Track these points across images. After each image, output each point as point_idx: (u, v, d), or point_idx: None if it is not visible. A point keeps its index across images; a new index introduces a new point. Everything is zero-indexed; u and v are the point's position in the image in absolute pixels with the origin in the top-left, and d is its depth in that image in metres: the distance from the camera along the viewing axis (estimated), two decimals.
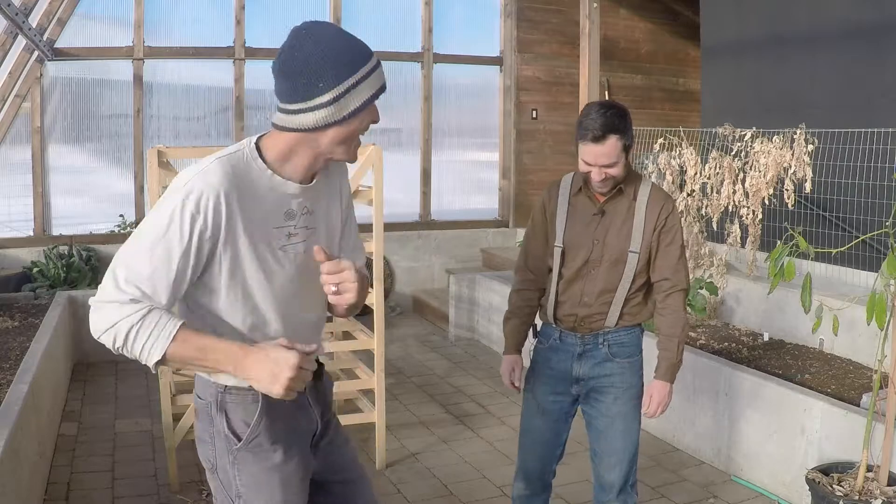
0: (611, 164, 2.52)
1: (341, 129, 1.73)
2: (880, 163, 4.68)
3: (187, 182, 1.67)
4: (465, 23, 8.35)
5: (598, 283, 2.66)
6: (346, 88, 1.69)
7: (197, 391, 1.89)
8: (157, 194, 3.62)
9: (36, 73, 6.72)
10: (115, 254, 1.70)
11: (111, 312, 1.63)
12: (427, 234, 8.10)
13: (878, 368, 3.22)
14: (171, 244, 1.65)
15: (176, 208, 1.65)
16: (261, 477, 1.82)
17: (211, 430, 1.84)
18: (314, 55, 1.67)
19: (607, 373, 2.71)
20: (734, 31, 6.54)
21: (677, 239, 2.65)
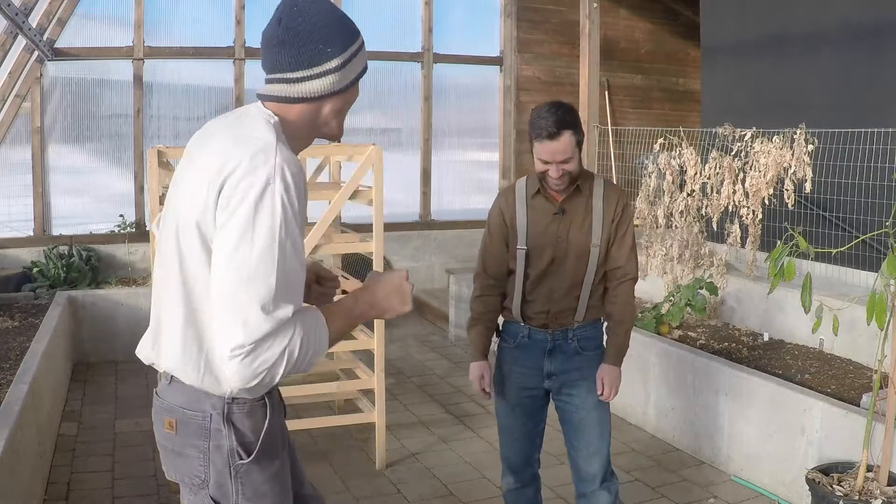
0: (566, 159, 2.61)
1: (340, 99, 1.69)
2: (880, 163, 4.68)
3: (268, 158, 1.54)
4: (465, 23, 8.35)
5: (566, 278, 2.76)
6: (351, 53, 1.66)
7: (182, 404, 1.69)
8: (157, 194, 3.62)
9: (36, 73, 6.72)
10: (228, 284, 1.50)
11: (273, 344, 1.50)
12: (427, 234, 8.10)
13: (878, 368, 3.22)
14: (293, 233, 1.54)
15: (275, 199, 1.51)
16: (263, 487, 1.73)
17: (202, 444, 1.68)
18: (321, 21, 1.62)
19: (578, 366, 2.81)
20: (734, 31, 6.54)
21: (630, 229, 2.79)
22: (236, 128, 1.64)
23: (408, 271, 1.79)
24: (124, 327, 5.92)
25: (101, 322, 5.89)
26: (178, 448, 1.72)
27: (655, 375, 4.53)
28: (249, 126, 1.62)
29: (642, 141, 6.80)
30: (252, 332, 1.49)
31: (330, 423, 4.24)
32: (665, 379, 4.46)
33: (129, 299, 5.96)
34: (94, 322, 5.89)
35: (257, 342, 1.49)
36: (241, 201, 1.51)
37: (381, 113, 8.03)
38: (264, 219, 1.50)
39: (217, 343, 1.55)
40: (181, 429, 1.70)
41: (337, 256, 4.98)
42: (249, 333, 1.49)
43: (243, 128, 1.63)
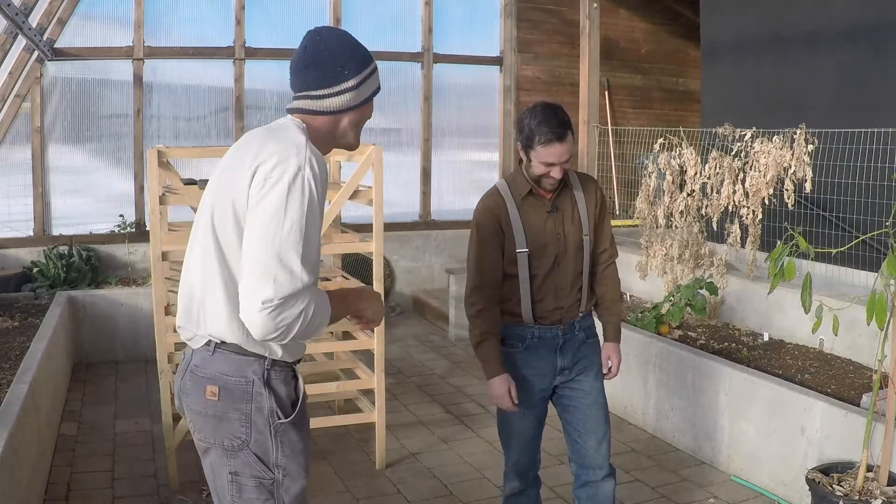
0: (567, 160, 2.67)
1: (356, 114, 2.01)
2: (880, 163, 4.68)
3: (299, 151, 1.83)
4: (464, 23, 8.35)
5: (570, 272, 2.81)
6: (365, 76, 1.99)
7: (226, 372, 1.91)
8: (157, 194, 3.63)
9: (36, 73, 6.72)
10: (261, 249, 1.76)
11: (295, 304, 1.76)
12: (427, 234, 8.10)
13: (878, 368, 3.22)
14: (316, 215, 1.83)
15: (304, 183, 1.80)
16: (298, 445, 1.98)
17: (245, 407, 1.91)
18: (339, 48, 1.97)
19: (585, 354, 2.88)
20: (734, 31, 6.54)
21: (606, 212, 2.94)
22: (272, 131, 1.95)
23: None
24: (124, 327, 5.92)
25: (101, 322, 5.90)
26: (220, 412, 1.93)
27: (655, 375, 4.53)
28: (284, 129, 1.93)
29: (642, 141, 6.80)
30: (280, 289, 1.74)
31: (330, 423, 4.24)
32: (665, 379, 4.46)
33: (129, 299, 5.96)
34: (94, 322, 5.89)
35: (285, 298, 1.74)
36: (276, 183, 1.79)
37: (380, 113, 8.00)
38: (295, 198, 1.78)
39: (246, 297, 1.77)
40: (224, 395, 1.92)
41: (337, 256, 4.98)
42: (278, 290, 1.74)
43: (279, 130, 1.93)
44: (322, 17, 7.67)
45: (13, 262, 6.64)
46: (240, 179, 1.85)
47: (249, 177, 1.82)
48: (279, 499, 1.96)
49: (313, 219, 1.81)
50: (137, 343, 5.91)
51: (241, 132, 7.37)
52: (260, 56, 7.44)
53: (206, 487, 3.79)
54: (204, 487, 3.82)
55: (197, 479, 3.92)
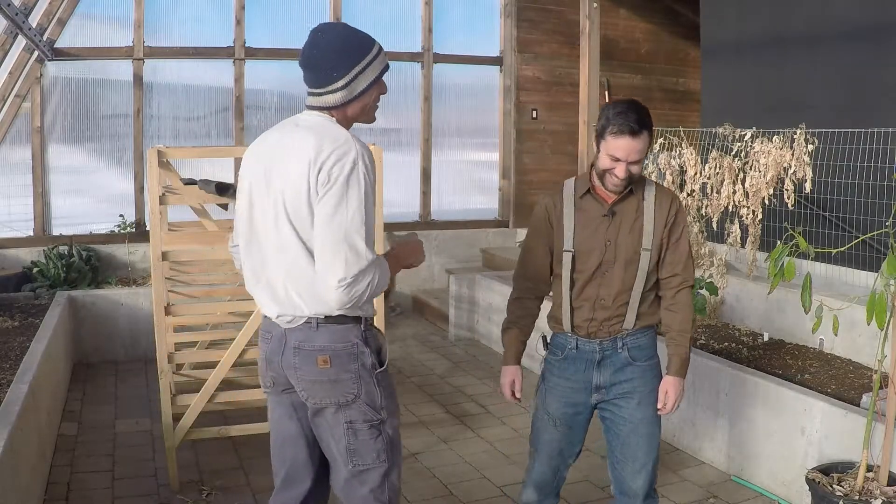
0: (638, 160, 2.54)
1: (357, 104, 2.28)
2: (880, 163, 4.68)
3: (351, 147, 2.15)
4: (464, 23, 8.35)
5: (615, 284, 2.63)
6: (354, 75, 2.23)
7: (333, 341, 2.24)
8: (157, 194, 3.62)
9: (36, 73, 6.72)
10: (330, 235, 2.09)
11: (364, 277, 2.11)
12: (427, 234, 8.09)
13: (878, 368, 3.22)
14: (371, 200, 2.15)
15: (360, 174, 2.12)
16: (391, 387, 2.37)
17: (355, 367, 2.26)
18: (328, 51, 2.22)
19: (628, 377, 2.67)
20: (734, 31, 6.54)
21: (685, 234, 2.68)
22: (316, 130, 2.21)
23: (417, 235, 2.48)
24: (124, 327, 5.92)
25: (101, 322, 5.90)
26: (333, 377, 2.26)
27: None
28: (326, 127, 2.22)
29: None
30: (351, 268, 2.09)
31: None
32: None
33: (129, 299, 5.96)
34: (94, 322, 5.89)
35: (356, 276, 2.09)
36: (337, 178, 2.10)
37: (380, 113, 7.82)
38: (355, 189, 2.11)
39: (323, 277, 2.12)
40: (335, 361, 2.25)
41: None
42: (349, 269, 2.09)
43: (322, 129, 2.21)
44: (322, 18, 7.67)
45: (13, 262, 6.63)
46: (305, 179, 2.13)
47: (315, 175, 2.12)
48: (384, 433, 2.33)
49: (369, 203, 2.14)
50: (137, 343, 5.91)
51: (241, 132, 7.37)
52: (260, 56, 7.44)
53: (205, 487, 3.81)
54: (204, 487, 3.82)
55: (196, 479, 3.92)
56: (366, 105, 2.31)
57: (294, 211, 2.17)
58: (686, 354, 2.67)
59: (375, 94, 2.32)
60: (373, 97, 2.31)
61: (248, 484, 3.88)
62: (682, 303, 2.69)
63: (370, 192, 2.15)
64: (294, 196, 2.16)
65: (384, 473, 2.35)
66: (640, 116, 2.53)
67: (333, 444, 2.34)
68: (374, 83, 2.28)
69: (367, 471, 2.32)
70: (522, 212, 8.46)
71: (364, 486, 2.33)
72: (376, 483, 2.34)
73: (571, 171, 7.91)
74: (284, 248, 2.21)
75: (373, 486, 2.34)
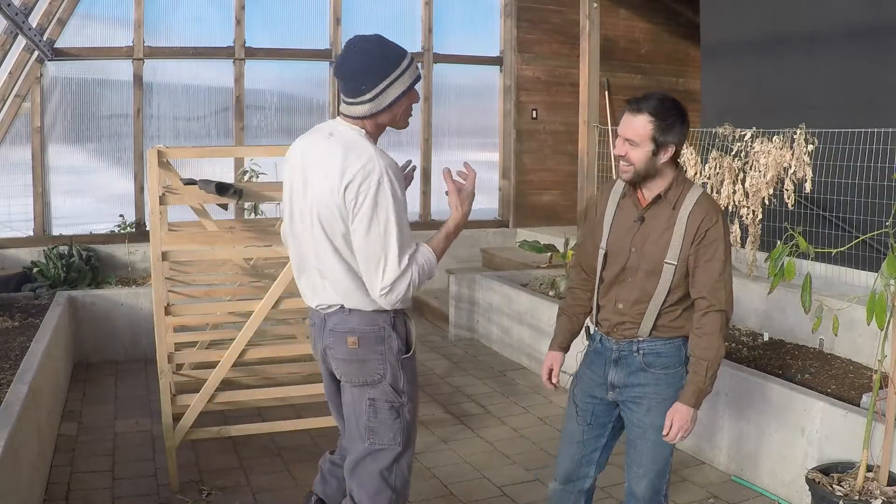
0: (633, 141, 2.50)
1: (386, 115, 2.44)
2: (880, 163, 4.68)
3: (375, 165, 2.34)
4: (465, 23, 8.35)
5: (634, 291, 2.61)
6: (382, 88, 2.38)
7: (362, 324, 2.47)
8: (157, 194, 3.62)
9: (36, 73, 6.72)
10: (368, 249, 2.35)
11: (403, 279, 2.37)
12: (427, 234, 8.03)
13: (878, 368, 3.22)
14: (401, 207, 2.37)
15: (386, 189, 2.32)
16: (413, 374, 2.57)
17: (381, 349, 2.48)
18: (358, 65, 2.38)
19: (641, 382, 2.63)
20: (734, 31, 6.54)
21: (718, 255, 2.51)
22: (344, 144, 2.39)
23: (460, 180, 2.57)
24: (124, 327, 5.92)
25: (101, 322, 5.90)
26: (361, 357, 2.49)
27: None
28: (354, 142, 2.40)
29: None
30: (389, 277, 2.35)
31: (330, 423, 4.22)
32: None
33: (129, 299, 5.96)
34: (94, 322, 5.89)
35: (393, 283, 2.35)
36: (366, 198, 2.32)
37: None
38: (382, 207, 2.32)
39: (370, 286, 2.40)
40: (363, 342, 2.48)
41: None
42: (387, 277, 2.35)
43: (349, 144, 2.39)
44: (322, 18, 7.68)
45: (13, 262, 6.64)
46: (335, 197, 2.35)
47: (342, 193, 2.33)
48: (403, 416, 2.52)
49: (399, 213, 2.35)
50: (137, 343, 5.91)
51: (241, 132, 7.37)
52: (260, 56, 7.45)
53: (205, 487, 3.81)
54: (204, 488, 3.82)
55: (197, 479, 3.92)
56: (395, 115, 2.46)
57: (328, 224, 2.41)
58: (701, 384, 2.51)
59: (406, 104, 2.46)
60: (402, 107, 2.46)
61: (248, 484, 3.88)
62: (706, 328, 2.51)
63: (400, 202, 2.37)
64: (326, 210, 2.39)
65: (396, 457, 2.53)
66: (650, 101, 2.49)
67: (354, 420, 2.55)
68: (404, 95, 2.42)
69: (382, 451, 2.51)
70: (522, 212, 8.47)
71: (376, 463, 2.52)
72: (387, 464, 2.52)
73: (571, 171, 7.92)
74: (319, 253, 2.46)
75: (383, 466, 2.52)
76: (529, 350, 5.85)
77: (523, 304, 5.95)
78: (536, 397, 5.23)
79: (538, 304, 5.76)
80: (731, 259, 2.58)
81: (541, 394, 5.28)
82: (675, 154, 2.55)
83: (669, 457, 2.70)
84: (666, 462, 2.69)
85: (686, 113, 2.56)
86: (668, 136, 2.49)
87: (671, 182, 2.57)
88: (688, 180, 2.65)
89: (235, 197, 3.75)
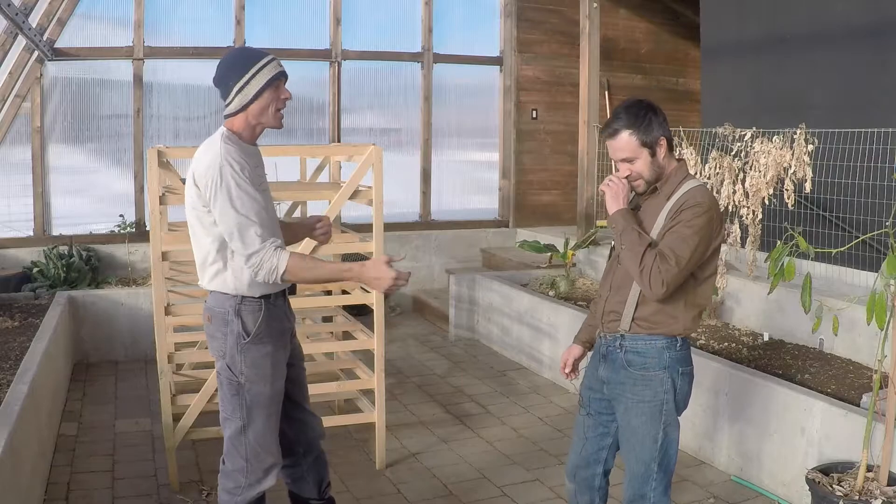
0: (627, 158, 2.58)
1: (255, 106, 2.68)
2: (880, 163, 4.68)
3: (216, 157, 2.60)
4: (465, 23, 8.35)
5: (618, 279, 2.68)
6: (244, 83, 2.66)
7: (213, 305, 2.76)
8: (157, 194, 3.63)
9: (36, 73, 6.72)
10: (225, 225, 2.59)
11: (257, 258, 2.59)
12: (427, 234, 8.10)
13: (878, 368, 3.22)
14: (245, 189, 2.59)
15: (231, 172, 2.58)
16: (259, 361, 2.75)
17: (224, 330, 2.73)
18: (223, 69, 2.70)
19: (621, 380, 2.66)
20: (734, 31, 6.54)
21: (685, 223, 2.50)
22: (204, 144, 2.73)
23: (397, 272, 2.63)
24: (124, 327, 5.92)
25: (101, 322, 5.90)
26: (210, 333, 2.79)
27: None
28: (211, 141, 2.70)
29: None
30: (248, 249, 2.59)
31: (330, 423, 4.22)
32: None
33: (129, 299, 5.96)
34: (94, 322, 5.89)
35: (250, 255, 2.60)
36: (212, 185, 2.59)
37: (381, 113, 8.02)
38: (226, 191, 2.58)
39: (236, 260, 2.67)
40: (213, 320, 2.77)
41: (337, 256, 4.97)
42: (247, 250, 2.59)
43: (207, 142, 2.72)
44: (322, 17, 7.68)
45: (13, 262, 6.63)
46: (190, 183, 2.70)
47: (193, 181, 2.67)
48: (243, 395, 2.75)
49: (244, 195, 2.58)
50: (137, 343, 5.91)
51: None
52: None
53: (205, 487, 3.81)
54: (203, 487, 3.82)
55: (196, 478, 3.92)
56: (264, 108, 2.69)
57: (189, 213, 2.72)
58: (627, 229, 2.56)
59: (271, 98, 2.68)
60: (268, 101, 2.68)
61: None
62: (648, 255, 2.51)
63: (245, 185, 2.59)
64: (188, 200, 2.71)
65: (240, 429, 2.78)
66: (618, 116, 2.57)
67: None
68: (267, 86, 2.65)
69: (228, 420, 2.80)
70: (522, 212, 8.46)
71: (227, 430, 2.81)
72: (234, 433, 2.79)
73: (571, 170, 7.91)
74: (193, 237, 2.76)
75: (231, 434, 2.80)
76: (529, 350, 5.85)
77: (523, 304, 5.95)
78: (536, 397, 5.23)
79: (538, 304, 5.76)
80: (703, 240, 2.51)
81: (541, 394, 5.29)
82: (669, 145, 2.61)
83: (652, 462, 2.63)
84: (647, 466, 2.63)
85: (653, 104, 2.63)
86: (651, 133, 2.55)
87: (670, 174, 2.62)
88: (689, 175, 2.66)
89: None
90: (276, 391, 2.81)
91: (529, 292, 6.04)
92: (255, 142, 2.80)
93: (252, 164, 2.68)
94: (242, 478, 2.81)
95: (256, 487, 2.83)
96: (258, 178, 2.72)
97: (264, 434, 2.80)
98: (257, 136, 2.79)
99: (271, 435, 2.83)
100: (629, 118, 2.55)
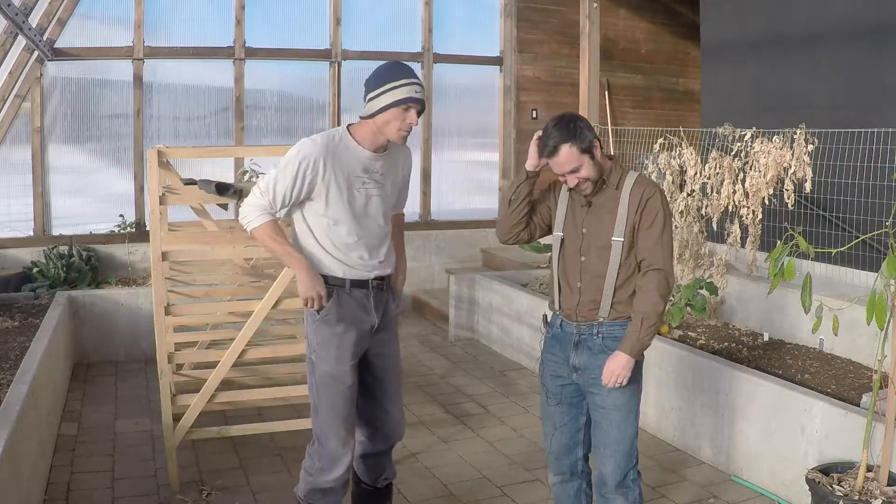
0: (574, 169, 2.70)
1: (379, 119, 2.87)
2: (880, 163, 4.68)
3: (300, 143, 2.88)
4: (465, 23, 8.35)
5: (589, 270, 2.79)
6: (376, 94, 2.86)
7: None
8: (157, 194, 3.63)
9: (36, 73, 6.72)
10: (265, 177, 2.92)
11: (245, 206, 2.92)
12: (427, 234, 8.10)
13: (878, 368, 3.22)
14: (286, 175, 2.85)
15: (291, 156, 2.85)
16: (327, 339, 2.95)
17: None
18: (372, 74, 2.92)
19: (601, 364, 2.76)
20: (734, 31, 6.54)
21: (658, 221, 2.74)
22: None
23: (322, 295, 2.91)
24: (124, 327, 5.92)
25: (101, 322, 5.90)
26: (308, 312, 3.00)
27: (655, 375, 4.52)
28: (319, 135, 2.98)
29: (642, 141, 6.80)
30: (251, 197, 2.92)
31: None
32: (665, 379, 4.46)
33: (129, 299, 5.96)
34: (94, 322, 5.89)
35: (247, 200, 2.94)
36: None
37: None
38: (282, 162, 2.88)
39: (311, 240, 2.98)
40: None
41: None
42: (250, 197, 2.93)
43: None
44: (322, 17, 7.68)
45: (13, 262, 6.64)
46: None
47: None
48: (315, 374, 2.98)
49: (287, 174, 2.84)
50: (137, 343, 5.91)
51: (241, 132, 7.37)
52: (260, 56, 7.45)
53: (205, 487, 3.81)
54: (204, 487, 3.82)
55: (197, 479, 3.92)
56: (387, 122, 2.84)
57: None
58: (636, 334, 2.70)
59: (397, 117, 2.82)
60: (394, 118, 2.83)
61: (247, 484, 3.88)
62: (645, 286, 2.73)
63: (292, 166, 2.82)
64: None
65: (315, 407, 2.99)
66: (553, 134, 2.68)
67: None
68: (390, 107, 2.81)
69: (311, 400, 3.01)
70: None
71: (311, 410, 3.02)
72: (312, 412, 3.02)
73: None
74: None
75: (312, 414, 3.02)
76: (529, 350, 5.85)
77: (523, 304, 5.95)
78: (536, 397, 5.22)
79: (538, 304, 5.76)
80: (671, 226, 2.82)
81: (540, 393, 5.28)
82: (600, 144, 2.77)
83: (634, 437, 2.83)
84: (632, 442, 2.82)
85: (574, 113, 2.79)
86: (586, 139, 2.69)
87: (611, 167, 2.80)
88: (621, 165, 2.86)
89: (235, 197, 3.76)
90: (339, 373, 2.94)
91: (529, 292, 6.05)
92: (376, 149, 2.94)
93: (341, 164, 2.87)
94: (316, 458, 2.99)
95: (326, 474, 2.97)
96: (345, 177, 2.89)
97: (328, 414, 2.95)
98: (380, 145, 2.93)
99: (336, 417, 2.95)
100: (563, 133, 2.68)
